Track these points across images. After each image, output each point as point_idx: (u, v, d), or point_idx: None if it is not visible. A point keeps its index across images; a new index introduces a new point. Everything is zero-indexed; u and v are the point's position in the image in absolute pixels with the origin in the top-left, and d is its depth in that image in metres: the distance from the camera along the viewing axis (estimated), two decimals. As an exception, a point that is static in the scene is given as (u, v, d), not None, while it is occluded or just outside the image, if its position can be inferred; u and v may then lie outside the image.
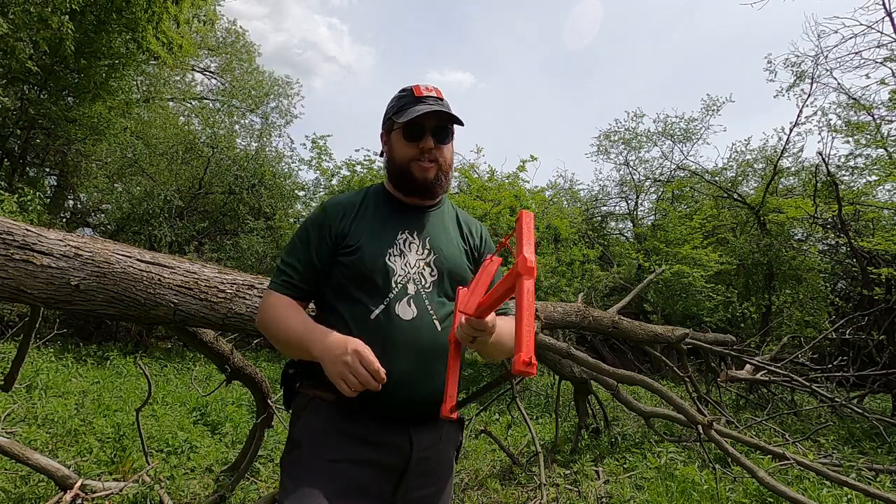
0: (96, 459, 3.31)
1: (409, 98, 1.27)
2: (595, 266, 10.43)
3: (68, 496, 2.49)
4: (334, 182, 11.08)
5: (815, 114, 14.13)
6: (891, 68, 8.41)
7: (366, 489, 1.13)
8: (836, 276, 11.03)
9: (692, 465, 3.60)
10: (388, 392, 1.14)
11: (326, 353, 1.08)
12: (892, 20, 7.80)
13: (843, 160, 11.09)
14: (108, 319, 5.94)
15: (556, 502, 3.19)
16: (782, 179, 12.27)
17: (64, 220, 10.80)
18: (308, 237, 1.27)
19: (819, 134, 16.53)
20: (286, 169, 12.71)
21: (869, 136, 9.89)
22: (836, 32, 11.63)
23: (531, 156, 12.58)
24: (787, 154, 11.83)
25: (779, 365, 5.65)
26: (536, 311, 3.55)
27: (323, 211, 1.29)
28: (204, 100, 14.59)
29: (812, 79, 10.04)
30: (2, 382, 2.63)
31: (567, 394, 5.28)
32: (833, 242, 10.20)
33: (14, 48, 7.02)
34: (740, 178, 13.42)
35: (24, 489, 2.79)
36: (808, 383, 5.22)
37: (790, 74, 10.55)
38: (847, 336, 6.81)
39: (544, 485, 3.13)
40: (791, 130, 10.98)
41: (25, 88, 8.64)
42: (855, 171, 11.09)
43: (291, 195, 12.31)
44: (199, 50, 13.45)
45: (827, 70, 9.83)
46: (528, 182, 10.95)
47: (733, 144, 21.99)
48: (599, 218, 15.15)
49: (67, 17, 7.08)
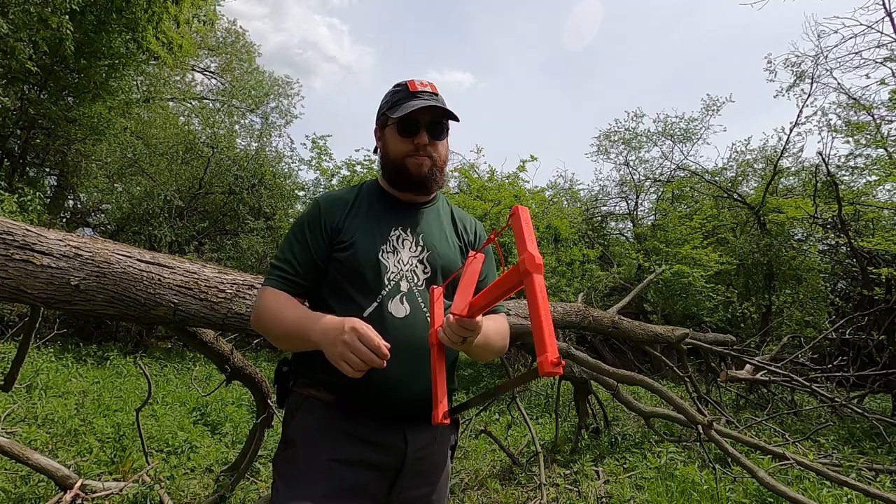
0: (96, 459, 3.31)
1: (404, 93, 1.25)
2: (595, 266, 10.43)
3: (68, 496, 2.49)
4: (334, 182, 11.10)
5: (815, 114, 14.18)
6: (891, 68, 8.41)
7: (360, 490, 1.12)
8: (836, 276, 11.02)
9: (692, 465, 3.60)
10: (383, 391, 1.13)
11: (324, 337, 1.03)
12: (892, 20, 7.80)
13: (843, 160, 11.11)
14: (108, 319, 5.94)
15: (556, 502, 3.19)
16: (782, 179, 12.27)
17: (64, 220, 10.79)
18: (303, 233, 1.24)
19: (819, 134, 16.55)
20: (286, 169, 12.72)
21: (869, 136, 9.90)
22: (836, 32, 11.65)
23: (531, 156, 12.61)
24: (787, 154, 11.84)
25: (779, 365, 5.65)
26: (536, 311, 3.55)
27: (317, 206, 1.27)
28: (204, 100, 14.58)
29: (812, 79, 10.05)
30: (2, 382, 2.63)
31: (567, 394, 5.29)
32: (833, 242, 10.20)
33: (14, 48, 7.02)
34: (740, 178, 13.42)
35: (24, 489, 2.79)
36: (808, 383, 5.22)
37: (790, 74, 10.58)
38: (847, 336, 6.80)
39: (544, 485, 3.13)
40: (791, 130, 11.00)
41: (25, 88, 8.64)
42: (855, 171, 11.09)
43: (291, 195, 12.30)
44: (199, 50, 13.45)
45: (827, 70, 9.87)
46: (528, 182, 10.96)
47: (733, 144, 22.06)
48: (599, 218, 15.15)
49: (67, 18, 7.07)
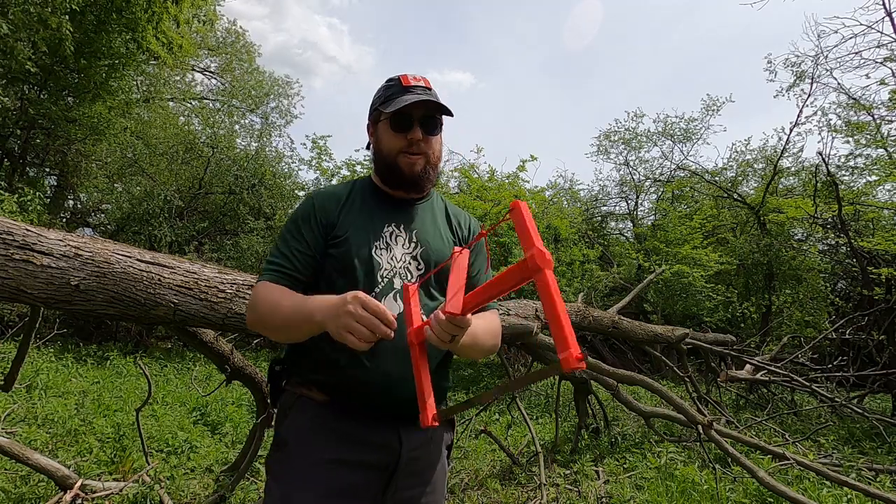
0: (96, 459, 3.31)
1: (397, 88, 1.23)
2: (595, 266, 10.43)
3: (68, 496, 2.49)
4: (334, 182, 11.10)
5: (815, 114, 14.19)
6: (891, 68, 8.42)
7: (354, 490, 1.11)
8: (836, 276, 11.03)
9: (692, 465, 3.60)
10: (376, 390, 1.12)
11: (328, 312, 0.99)
12: (892, 20, 7.80)
13: (843, 160, 11.12)
14: (108, 319, 5.94)
15: (556, 502, 3.19)
16: (782, 179, 12.27)
17: (64, 220, 10.79)
18: (298, 228, 1.22)
19: (819, 134, 16.55)
20: (286, 169, 12.73)
21: (869, 136, 9.90)
22: (836, 32, 11.66)
23: (531, 156, 12.59)
24: (787, 154, 11.84)
25: (779, 365, 5.65)
26: (536, 310, 3.56)
27: (311, 202, 1.25)
28: (204, 100, 14.59)
29: (812, 79, 10.06)
30: (2, 382, 2.63)
31: (567, 394, 5.29)
32: (833, 242, 10.20)
33: (13, 49, 7.03)
34: (740, 178, 13.42)
35: (24, 489, 2.79)
36: (808, 383, 5.22)
37: (790, 74, 10.58)
38: (847, 336, 6.80)
39: (544, 485, 3.13)
40: (791, 130, 11.00)
41: (25, 88, 8.64)
42: (855, 171, 11.10)
43: (291, 195, 12.30)
44: (199, 50, 13.46)
45: (827, 70, 9.87)
46: (528, 182, 10.97)
47: (733, 144, 22.07)
48: (599, 218, 15.15)
49: (67, 18, 7.07)
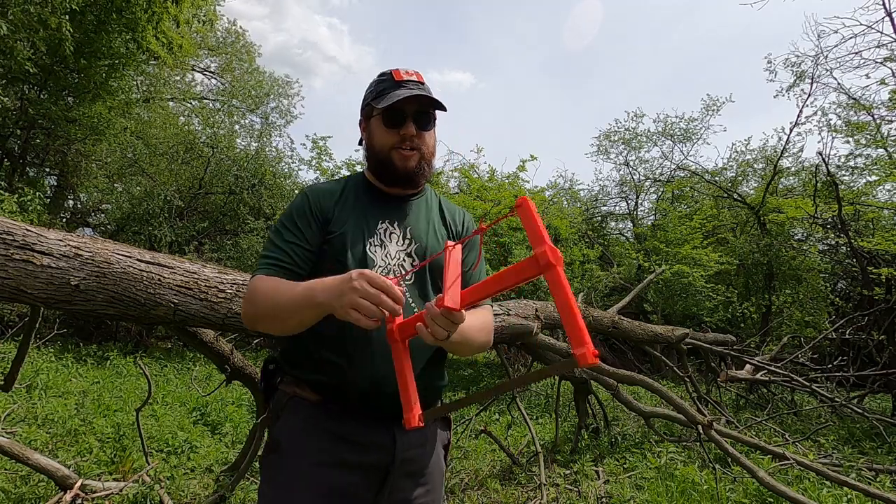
0: (96, 459, 3.31)
1: (389, 82, 1.21)
2: (595, 266, 10.44)
3: (68, 496, 2.49)
4: (334, 182, 11.09)
5: (815, 114, 14.21)
6: (891, 68, 8.42)
7: (348, 492, 1.09)
8: (836, 276, 11.03)
9: (692, 465, 3.60)
10: (369, 389, 1.11)
11: (331, 292, 0.95)
12: (892, 20, 7.80)
13: (843, 160, 11.13)
14: (108, 319, 5.94)
15: (556, 502, 3.19)
16: (782, 179, 12.28)
17: (64, 220, 10.79)
18: (293, 222, 1.19)
19: (819, 134, 16.55)
20: (286, 169, 12.74)
21: (869, 136, 9.90)
22: (836, 32, 11.66)
23: (531, 155, 12.59)
24: (787, 154, 11.85)
25: (779, 365, 5.65)
26: (536, 310, 3.56)
27: (305, 196, 1.22)
28: (204, 100, 14.59)
29: (812, 79, 10.06)
30: (2, 382, 2.63)
31: (567, 394, 5.29)
32: (833, 242, 10.20)
33: (13, 49, 7.02)
34: (740, 178, 13.43)
35: (24, 489, 2.79)
36: (808, 383, 5.22)
37: (790, 74, 10.60)
38: (847, 336, 6.81)
39: (544, 485, 3.13)
40: (791, 130, 11.01)
41: (25, 88, 8.64)
42: (855, 171, 11.10)
43: (291, 195, 12.28)
44: (199, 50, 13.46)
45: (827, 70, 9.88)
46: (528, 182, 10.98)
47: (733, 144, 22.10)
48: (599, 218, 15.16)
49: (67, 18, 7.07)
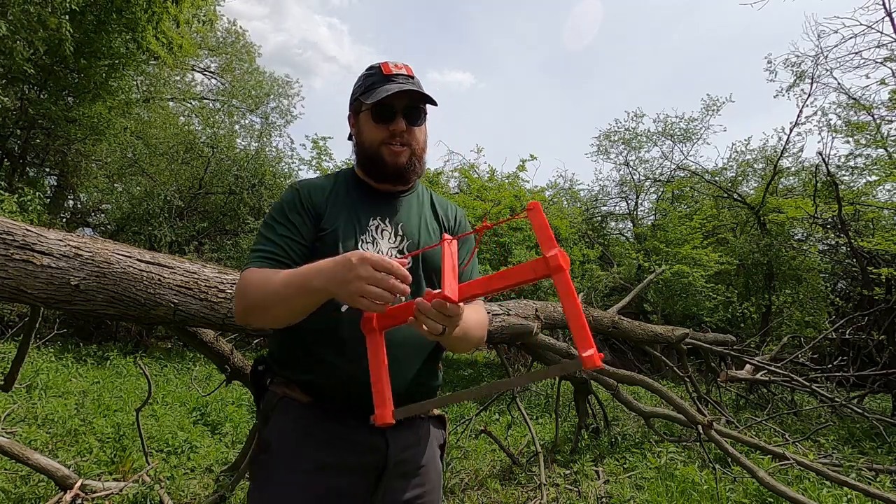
0: (96, 459, 3.31)
1: (378, 76, 1.17)
2: (595, 266, 10.44)
3: (68, 496, 2.49)
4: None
5: (815, 114, 14.20)
6: (891, 68, 8.42)
7: (341, 495, 1.07)
8: (836, 276, 11.03)
9: (692, 465, 3.60)
10: (362, 390, 1.07)
11: (331, 279, 0.91)
12: (892, 20, 7.80)
13: (843, 160, 11.13)
14: (108, 319, 5.94)
15: (556, 502, 3.19)
16: (782, 179, 12.28)
17: (64, 220, 10.80)
18: (284, 216, 1.15)
19: (819, 134, 16.58)
20: (286, 169, 12.73)
21: (869, 136, 9.91)
22: (836, 32, 11.65)
23: (531, 155, 12.60)
24: (787, 154, 11.85)
25: (779, 365, 5.65)
26: (536, 310, 3.56)
27: (296, 191, 1.19)
28: (204, 100, 14.60)
29: (812, 79, 10.07)
30: (2, 382, 2.63)
31: (567, 394, 5.29)
32: (833, 242, 10.20)
33: (12, 49, 7.02)
34: (740, 178, 13.43)
35: (24, 489, 2.79)
36: (808, 383, 5.22)
37: (790, 74, 10.60)
38: (847, 336, 6.81)
39: (544, 485, 3.13)
40: (791, 130, 11.02)
41: (25, 88, 8.64)
42: (855, 171, 11.11)
43: (291, 195, 12.30)
44: (199, 50, 13.45)
45: (827, 70, 9.88)
46: (528, 182, 11.00)
47: (733, 144, 22.09)
48: (599, 218, 15.16)
49: (67, 18, 7.07)
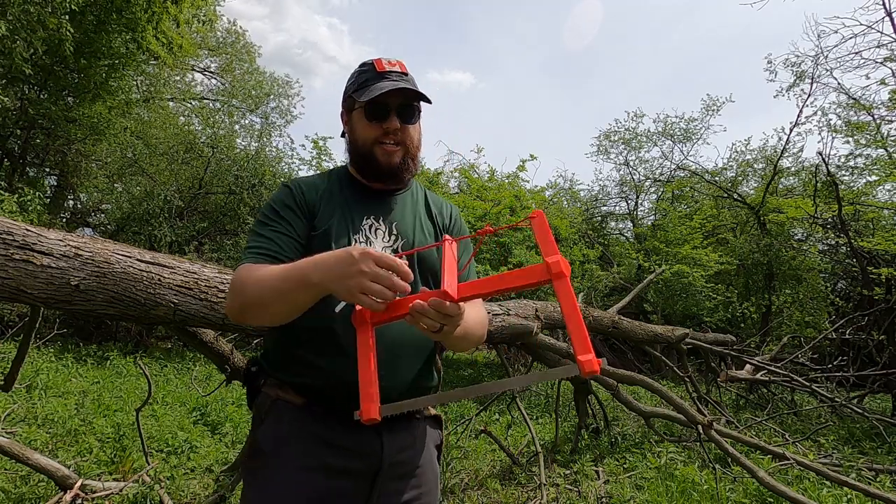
0: (96, 459, 3.31)
1: (371, 73, 1.16)
2: (595, 266, 10.44)
3: (68, 496, 2.49)
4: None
5: (815, 114, 14.20)
6: (891, 68, 8.42)
7: (335, 498, 1.06)
8: (836, 276, 11.03)
9: (692, 465, 3.60)
10: (355, 391, 1.05)
11: (329, 273, 0.88)
12: (892, 20, 7.81)
13: (843, 160, 11.13)
14: (108, 319, 5.94)
15: (556, 502, 3.19)
16: (782, 179, 12.28)
17: (64, 220, 10.79)
18: (276, 212, 1.13)
19: (819, 134, 16.60)
20: (286, 169, 12.70)
21: (869, 136, 9.90)
22: (836, 32, 11.65)
23: (531, 155, 12.61)
24: (787, 154, 11.85)
25: (779, 365, 5.65)
26: (536, 310, 3.56)
27: (288, 189, 1.17)
28: (204, 100, 14.60)
29: (812, 79, 10.07)
30: (2, 382, 2.63)
31: (567, 394, 5.29)
32: (833, 242, 10.20)
33: (12, 50, 7.02)
34: (740, 178, 13.43)
35: (24, 489, 2.79)
36: (808, 383, 5.22)
37: (790, 74, 10.61)
38: (847, 336, 6.81)
39: (544, 485, 3.13)
40: (791, 130, 11.02)
41: (25, 88, 8.65)
42: (855, 171, 11.11)
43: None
44: (199, 50, 13.46)
45: (827, 70, 9.88)
46: (527, 182, 11.01)
47: (733, 144, 22.08)
48: (599, 218, 15.16)
49: (67, 18, 7.07)
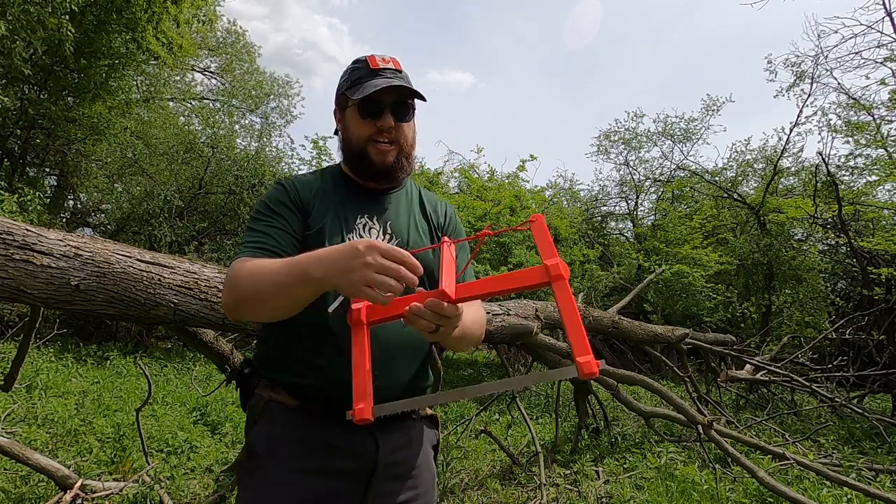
0: (96, 459, 3.31)
1: (365, 70, 1.14)
2: (595, 266, 10.44)
3: (68, 496, 2.49)
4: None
5: (815, 114, 14.19)
6: (891, 68, 8.42)
7: (330, 500, 1.05)
8: (836, 276, 11.03)
9: (692, 465, 3.60)
10: (348, 392, 1.05)
11: (332, 267, 0.85)
12: (892, 20, 7.81)
13: (843, 160, 11.13)
14: (108, 319, 5.94)
15: (556, 502, 3.19)
16: (782, 179, 12.27)
17: (64, 220, 10.79)
18: (271, 209, 1.12)
19: (819, 134, 16.59)
20: (286, 169, 12.70)
21: (869, 136, 9.90)
22: (836, 32, 11.65)
23: (531, 155, 12.62)
24: (787, 154, 11.85)
25: (779, 365, 5.65)
26: (536, 310, 3.56)
27: (282, 187, 1.16)
28: (204, 100, 14.60)
29: (812, 79, 10.07)
30: (2, 382, 2.63)
31: (567, 394, 5.29)
32: (833, 242, 10.20)
33: (11, 50, 7.02)
34: (740, 178, 13.42)
35: (24, 489, 2.79)
36: (808, 383, 5.22)
37: (790, 74, 10.60)
38: (847, 336, 6.81)
39: (544, 485, 3.13)
40: (791, 130, 11.01)
41: (25, 88, 8.65)
42: (855, 171, 11.10)
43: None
44: (199, 50, 13.46)
45: (827, 70, 9.88)
46: (527, 182, 11.01)
47: (733, 144, 22.07)
48: (599, 218, 15.16)
49: (67, 18, 7.07)
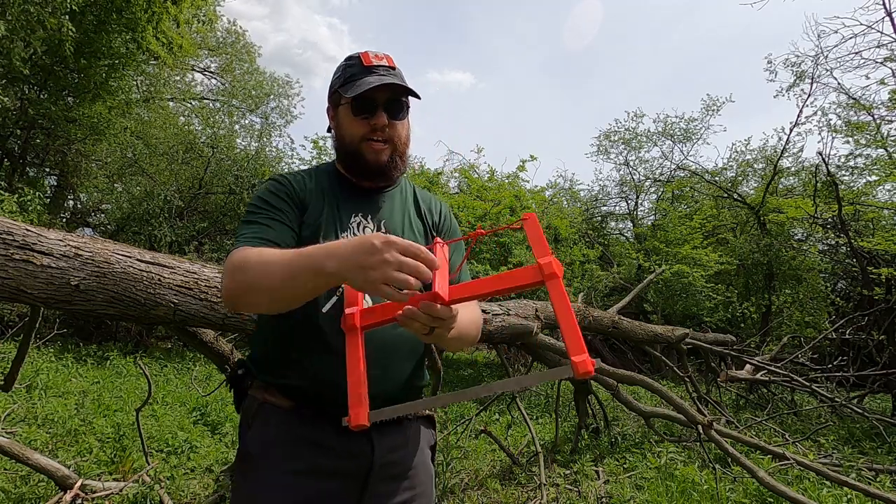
0: (96, 459, 3.31)
1: (358, 67, 1.13)
2: (595, 266, 10.44)
3: (68, 496, 2.49)
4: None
5: (815, 114, 14.16)
6: (891, 68, 8.43)
7: (324, 500, 1.04)
8: (836, 276, 11.03)
9: (692, 465, 3.60)
10: (342, 393, 1.02)
11: (348, 262, 0.80)
12: (892, 20, 7.81)
13: (843, 160, 11.12)
14: (108, 319, 5.94)
15: (556, 502, 3.19)
16: (782, 179, 12.27)
17: (64, 220, 10.79)
18: (267, 202, 1.10)
19: (819, 134, 16.60)
20: (286, 169, 12.72)
21: (869, 136, 9.90)
22: (836, 32, 11.63)
23: (531, 155, 12.61)
24: (787, 154, 11.84)
25: (779, 365, 5.65)
26: (536, 310, 3.56)
27: (277, 182, 1.14)
28: (204, 100, 14.59)
29: (812, 79, 10.06)
30: (2, 382, 2.63)
31: (567, 394, 5.29)
32: (833, 242, 10.19)
33: (11, 50, 7.02)
34: (740, 178, 13.42)
35: (24, 489, 2.79)
36: (808, 383, 5.22)
37: (790, 74, 10.60)
38: (847, 336, 6.81)
39: (544, 485, 3.13)
40: (791, 130, 11.01)
41: (25, 88, 8.65)
42: (855, 171, 11.10)
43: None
44: (199, 50, 13.45)
45: (827, 70, 9.87)
46: (527, 182, 11.00)
47: (733, 144, 22.03)
48: (599, 218, 15.16)
49: (67, 18, 7.07)
